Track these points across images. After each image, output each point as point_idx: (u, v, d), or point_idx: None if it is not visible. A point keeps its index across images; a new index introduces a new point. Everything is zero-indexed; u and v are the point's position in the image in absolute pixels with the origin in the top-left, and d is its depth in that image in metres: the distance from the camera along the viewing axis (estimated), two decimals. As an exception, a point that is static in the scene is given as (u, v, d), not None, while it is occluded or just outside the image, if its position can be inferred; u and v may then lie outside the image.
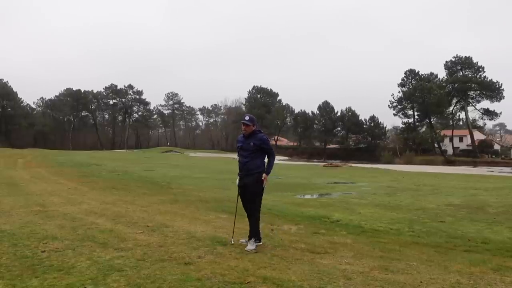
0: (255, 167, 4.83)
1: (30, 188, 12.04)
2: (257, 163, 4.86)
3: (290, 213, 8.12)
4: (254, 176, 4.80)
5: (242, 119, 4.96)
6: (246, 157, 4.86)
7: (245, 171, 4.87)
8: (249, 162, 4.84)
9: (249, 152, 4.86)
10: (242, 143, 4.97)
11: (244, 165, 4.88)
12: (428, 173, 24.94)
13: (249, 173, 4.83)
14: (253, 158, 4.84)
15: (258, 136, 4.93)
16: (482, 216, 7.98)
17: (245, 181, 4.85)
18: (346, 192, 12.54)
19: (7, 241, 4.92)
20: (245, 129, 4.92)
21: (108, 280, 3.48)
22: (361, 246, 5.24)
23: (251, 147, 4.86)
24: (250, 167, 4.83)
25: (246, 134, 4.95)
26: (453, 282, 3.64)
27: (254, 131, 4.96)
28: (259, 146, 4.87)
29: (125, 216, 7.03)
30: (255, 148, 4.86)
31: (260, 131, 5.02)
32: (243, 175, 4.89)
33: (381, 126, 75.87)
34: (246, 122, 4.90)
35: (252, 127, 4.93)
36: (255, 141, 4.87)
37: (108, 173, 18.82)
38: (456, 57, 67.85)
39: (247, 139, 4.93)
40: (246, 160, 4.86)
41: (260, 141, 4.89)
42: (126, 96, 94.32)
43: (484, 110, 67.62)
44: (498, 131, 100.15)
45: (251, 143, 4.86)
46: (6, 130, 77.33)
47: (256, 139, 4.90)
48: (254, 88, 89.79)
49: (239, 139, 5.07)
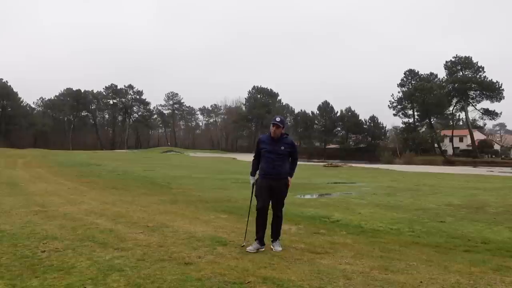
0: (285, 171, 4.81)
1: (30, 188, 12.04)
2: (286, 167, 4.83)
3: (290, 213, 8.11)
4: (284, 180, 4.80)
5: (273, 120, 4.82)
6: (277, 160, 4.75)
7: (275, 175, 4.75)
8: (280, 166, 4.76)
9: (281, 156, 4.78)
10: (271, 146, 4.80)
11: (274, 169, 4.74)
12: (428, 173, 24.94)
13: (281, 177, 4.78)
14: (284, 162, 4.80)
15: (289, 140, 4.89)
16: (482, 216, 7.98)
17: (275, 184, 4.76)
18: (346, 192, 12.53)
19: (7, 241, 4.91)
20: (275, 131, 4.78)
21: (108, 280, 3.48)
22: (361, 246, 5.24)
23: (284, 151, 4.78)
24: (281, 171, 4.77)
25: (275, 137, 4.81)
26: (453, 282, 3.64)
27: (282, 134, 4.86)
28: (290, 150, 4.84)
29: (125, 216, 7.03)
30: (287, 152, 4.81)
31: (287, 135, 4.95)
32: (272, 179, 4.75)
33: (381, 126, 75.94)
34: (278, 124, 4.76)
35: (282, 130, 4.82)
36: (287, 145, 4.82)
37: (108, 173, 18.82)
38: (456, 57, 67.84)
39: (277, 142, 4.80)
40: (278, 163, 4.75)
41: (291, 146, 4.87)
42: (126, 96, 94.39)
43: (484, 110, 67.62)
44: (498, 131, 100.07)
45: (282, 147, 4.77)
46: (6, 130, 77.34)
47: (287, 143, 4.84)
48: (254, 88, 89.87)
49: (264, 140, 4.91)
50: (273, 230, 4.87)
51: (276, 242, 4.83)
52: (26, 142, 69.59)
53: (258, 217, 4.77)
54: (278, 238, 4.87)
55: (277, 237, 4.86)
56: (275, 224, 4.87)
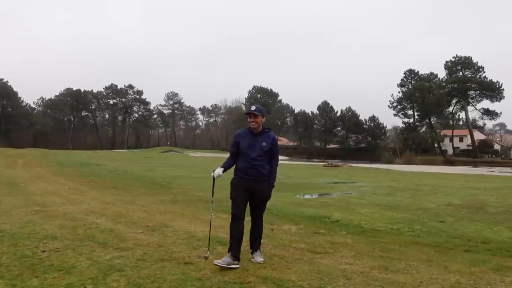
0: (267, 171, 4.13)
1: (30, 188, 12.03)
2: (267, 167, 4.15)
3: (290, 213, 8.12)
4: (266, 182, 4.14)
5: (248, 109, 4.10)
6: (257, 159, 4.04)
7: (255, 175, 4.05)
8: (261, 166, 4.07)
9: (262, 154, 4.07)
10: (250, 141, 4.09)
11: (254, 168, 4.04)
12: (428, 173, 24.94)
13: (262, 178, 4.09)
14: (266, 160, 4.13)
15: (271, 136, 4.18)
16: (482, 216, 7.98)
17: (255, 187, 4.07)
18: (346, 192, 12.53)
19: (7, 241, 4.91)
20: (254, 122, 4.05)
21: (108, 280, 3.48)
22: (361, 246, 5.24)
23: (265, 147, 4.08)
24: (262, 171, 4.08)
25: (255, 130, 4.10)
26: (453, 282, 3.64)
27: (264, 128, 4.17)
28: (271, 148, 4.14)
29: (125, 216, 7.03)
30: (268, 150, 4.11)
31: (269, 129, 4.26)
32: (252, 180, 4.05)
33: (381, 126, 75.92)
34: (253, 112, 4.03)
35: (262, 119, 4.10)
36: (268, 142, 4.11)
37: (108, 173, 18.82)
38: (456, 57, 67.89)
39: (257, 137, 4.10)
40: (259, 162, 4.05)
41: (273, 142, 4.15)
42: (126, 96, 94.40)
43: (484, 110, 67.67)
44: (498, 131, 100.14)
45: (264, 143, 4.08)
46: (6, 130, 77.39)
47: (269, 139, 4.14)
48: (254, 88, 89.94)
49: (242, 135, 4.18)
50: (252, 240, 4.23)
51: (256, 252, 4.20)
52: (26, 142, 69.58)
53: (233, 225, 4.04)
54: (259, 248, 4.24)
55: (257, 247, 4.23)
56: (254, 234, 4.24)
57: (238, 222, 4.03)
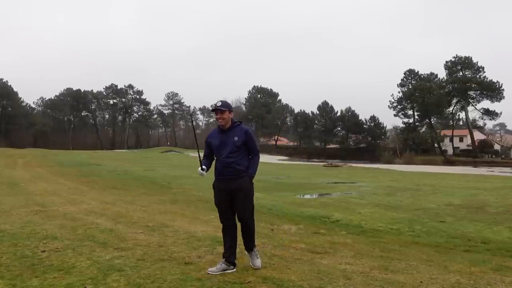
0: (244, 168, 3.86)
1: (30, 188, 12.04)
2: (245, 162, 3.88)
3: (290, 213, 8.13)
4: (244, 178, 3.84)
5: (214, 105, 3.85)
6: (231, 156, 3.81)
7: (231, 174, 3.82)
8: (236, 163, 3.81)
9: (235, 150, 3.82)
10: (221, 139, 3.88)
11: (229, 167, 3.81)
12: (428, 173, 24.95)
13: (240, 175, 3.83)
14: (241, 156, 3.86)
15: (243, 129, 3.90)
16: (482, 216, 7.99)
17: (234, 186, 3.81)
18: (346, 192, 12.53)
19: (7, 241, 4.92)
20: (221, 119, 3.82)
21: (108, 280, 3.48)
22: (361, 246, 5.24)
23: (237, 142, 3.83)
24: (239, 168, 3.82)
25: (224, 126, 3.88)
26: (453, 282, 3.64)
27: (234, 122, 3.92)
28: (244, 141, 3.87)
29: (125, 216, 7.03)
30: (241, 144, 3.85)
31: (241, 122, 4.00)
32: (229, 180, 3.82)
33: (381, 126, 75.92)
34: (220, 108, 3.79)
35: (229, 115, 3.87)
36: (241, 135, 3.85)
37: (108, 173, 18.83)
38: (456, 57, 67.88)
39: (227, 133, 3.87)
40: (232, 160, 3.80)
41: (246, 135, 3.87)
42: (126, 96, 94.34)
43: (484, 110, 67.66)
44: (498, 131, 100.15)
45: (235, 138, 3.83)
46: (6, 130, 77.37)
47: (241, 132, 3.87)
48: (254, 88, 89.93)
49: (212, 134, 4.01)
50: (244, 241, 3.97)
51: (252, 253, 3.94)
52: (26, 142, 69.55)
53: (223, 233, 3.94)
54: (253, 248, 3.94)
55: (251, 247, 3.94)
56: (245, 235, 3.94)
57: (227, 229, 3.91)
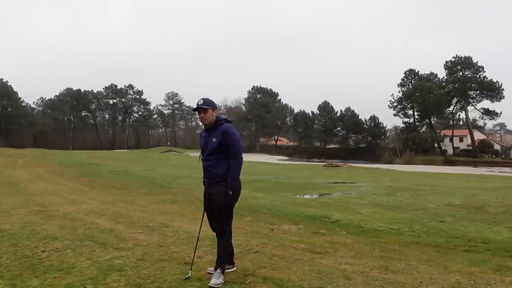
0: (223, 171, 3.54)
1: (30, 188, 12.04)
2: (224, 166, 3.54)
3: (290, 213, 8.13)
4: (222, 184, 3.52)
5: (196, 104, 3.56)
6: (208, 159, 3.57)
7: (209, 178, 3.60)
8: (213, 166, 3.55)
9: (213, 152, 3.54)
10: (205, 140, 3.64)
11: (207, 171, 3.59)
12: (428, 173, 24.95)
13: (216, 180, 3.54)
14: (219, 159, 3.54)
15: (222, 128, 3.56)
16: (482, 216, 7.99)
17: (211, 191, 3.59)
18: (346, 192, 12.53)
19: (7, 241, 4.92)
20: (204, 118, 3.54)
21: (108, 280, 3.48)
22: (361, 246, 5.24)
23: (214, 143, 3.53)
24: (216, 172, 3.54)
25: (207, 126, 3.60)
26: (453, 282, 3.64)
27: (218, 120, 3.61)
28: (222, 142, 3.53)
29: (125, 216, 7.03)
30: (218, 146, 3.53)
31: (226, 120, 3.68)
32: (209, 184, 3.63)
33: (381, 126, 75.92)
34: (201, 107, 3.51)
35: (213, 113, 3.57)
36: (218, 136, 3.53)
37: (108, 173, 18.83)
38: (456, 57, 67.88)
39: (210, 134, 3.60)
40: (209, 163, 3.56)
41: (222, 135, 3.51)
42: (126, 96, 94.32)
43: (484, 110, 67.65)
44: (498, 131, 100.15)
45: (214, 139, 3.54)
46: (6, 130, 77.37)
47: (219, 132, 3.54)
48: (254, 88, 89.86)
49: (201, 135, 3.76)
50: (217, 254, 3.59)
51: (216, 272, 3.46)
52: (26, 142, 69.54)
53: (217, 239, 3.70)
54: (218, 267, 3.48)
55: (217, 266, 3.49)
56: (218, 246, 3.60)
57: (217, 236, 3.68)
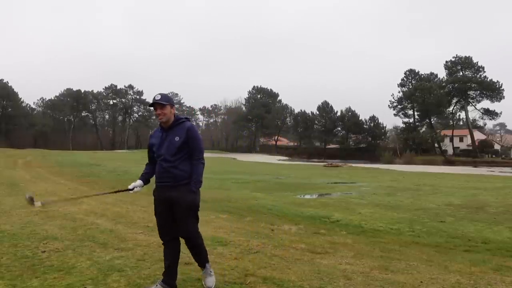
0: (186, 173, 3.24)
1: (30, 188, 12.02)
2: (187, 168, 3.25)
3: (290, 213, 8.13)
4: (186, 187, 3.23)
5: (153, 99, 3.25)
6: (170, 160, 3.22)
7: (169, 181, 3.23)
8: (176, 167, 3.22)
9: (174, 152, 3.22)
10: (162, 139, 3.30)
11: (168, 172, 3.22)
12: (428, 173, 24.95)
13: (180, 183, 3.22)
14: (183, 160, 3.24)
15: (185, 126, 3.29)
16: (482, 216, 7.99)
17: (173, 195, 3.21)
18: (346, 192, 12.53)
19: (8, 241, 4.91)
20: (161, 114, 3.24)
21: (108, 280, 3.48)
22: (361, 246, 5.24)
23: (177, 143, 3.23)
24: (179, 173, 3.22)
25: (165, 123, 3.29)
26: (453, 282, 3.64)
27: (177, 118, 3.33)
28: (185, 141, 3.24)
29: (125, 216, 7.03)
30: (181, 145, 3.24)
31: (187, 119, 3.41)
32: (169, 187, 3.24)
33: (381, 126, 75.92)
34: (158, 102, 3.22)
35: (171, 110, 3.28)
36: (181, 134, 3.24)
37: (108, 173, 18.83)
38: (456, 57, 67.89)
39: (168, 132, 3.29)
40: (171, 164, 3.22)
41: (186, 134, 3.24)
42: (126, 96, 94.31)
43: (484, 110, 67.63)
44: (498, 131, 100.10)
45: (176, 138, 3.23)
46: (6, 130, 77.40)
47: (182, 130, 3.26)
48: (254, 88, 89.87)
49: (155, 134, 3.44)
50: (193, 256, 3.47)
51: (205, 270, 3.41)
52: (26, 142, 69.51)
53: (164, 249, 3.39)
54: (205, 264, 3.40)
55: (202, 263, 3.40)
56: (192, 250, 3.41)
57: (167, 247, 3.36)
